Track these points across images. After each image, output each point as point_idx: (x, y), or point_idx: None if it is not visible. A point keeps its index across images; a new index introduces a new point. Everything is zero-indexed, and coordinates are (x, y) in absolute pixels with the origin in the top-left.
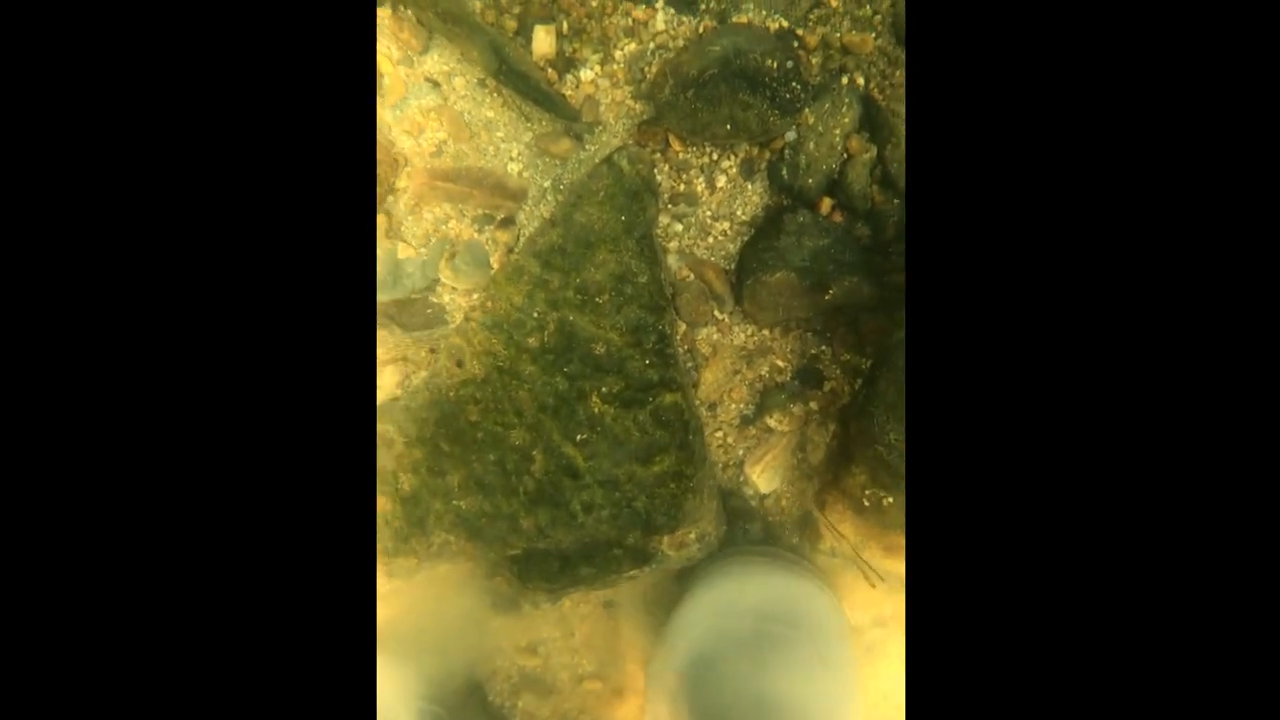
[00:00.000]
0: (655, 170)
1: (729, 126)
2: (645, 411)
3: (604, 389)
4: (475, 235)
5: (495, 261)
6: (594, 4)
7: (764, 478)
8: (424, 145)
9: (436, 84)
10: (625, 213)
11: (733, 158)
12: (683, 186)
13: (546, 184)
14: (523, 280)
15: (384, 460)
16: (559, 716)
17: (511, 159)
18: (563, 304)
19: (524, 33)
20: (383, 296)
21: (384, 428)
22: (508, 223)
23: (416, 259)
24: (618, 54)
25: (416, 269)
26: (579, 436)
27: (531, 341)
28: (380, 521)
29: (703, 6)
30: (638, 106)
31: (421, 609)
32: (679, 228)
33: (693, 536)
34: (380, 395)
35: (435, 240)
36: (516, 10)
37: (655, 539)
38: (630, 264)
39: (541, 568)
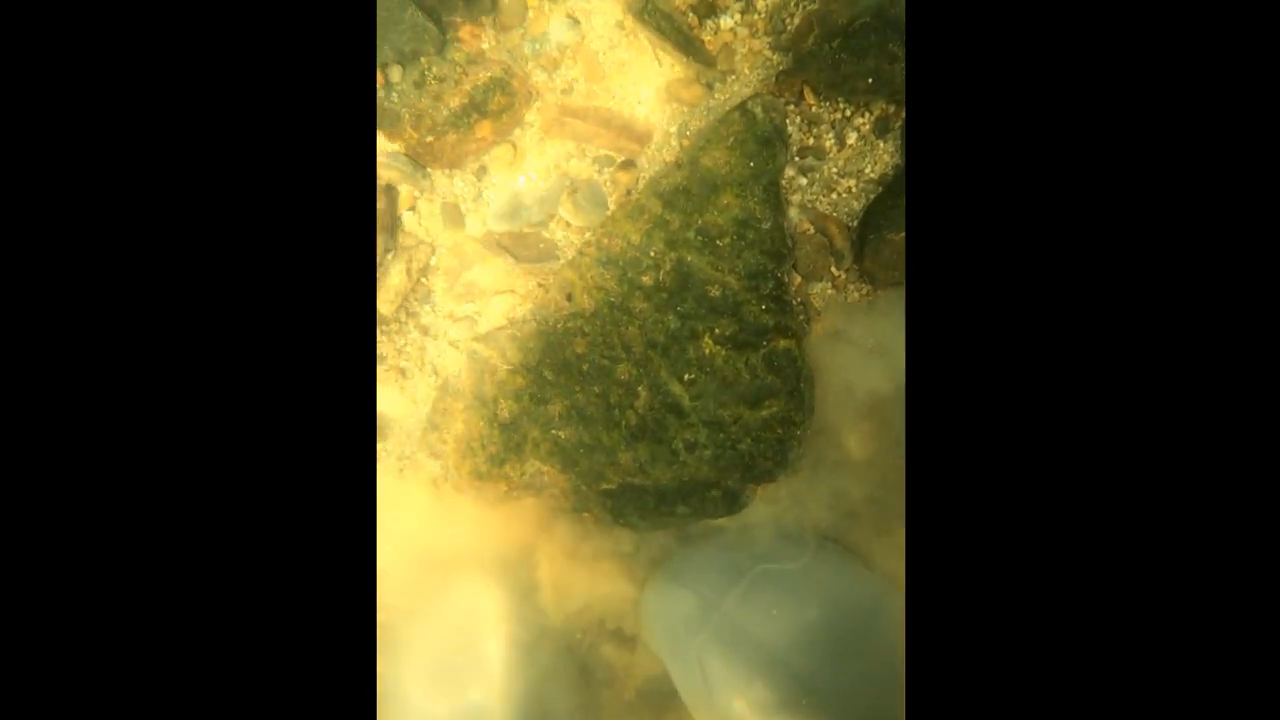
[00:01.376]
0: (786, 121)
1: (871, 80)
2: (758, 355)
3: (717, 330)
4: (595, 175)
5: (613, 202)
6: None
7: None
8: (557, 81)
9: (576, 21)
10: (754, 159)
11: (867, 115)
12: (812, 140)
13: (673, 129)
14: (642, 219)
15: (485, 386)
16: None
17: (640, 102)
18: (681, 244)
19: None
20: (499, 226)
21: (487, 353)
22: (629, 165)
23: (536, 192)
24: (760, 3)
25: (535, 202)
26: (687, 376)
27: (646, 280)
28: (476, 445)
29: None
30: (775, 57)
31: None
32: (803, 181)
33: (784, 493)
34: (486, 324)
35: (557, 175)
36: None
37: (751, 487)
38: (754, 209)
39: (636, 503)
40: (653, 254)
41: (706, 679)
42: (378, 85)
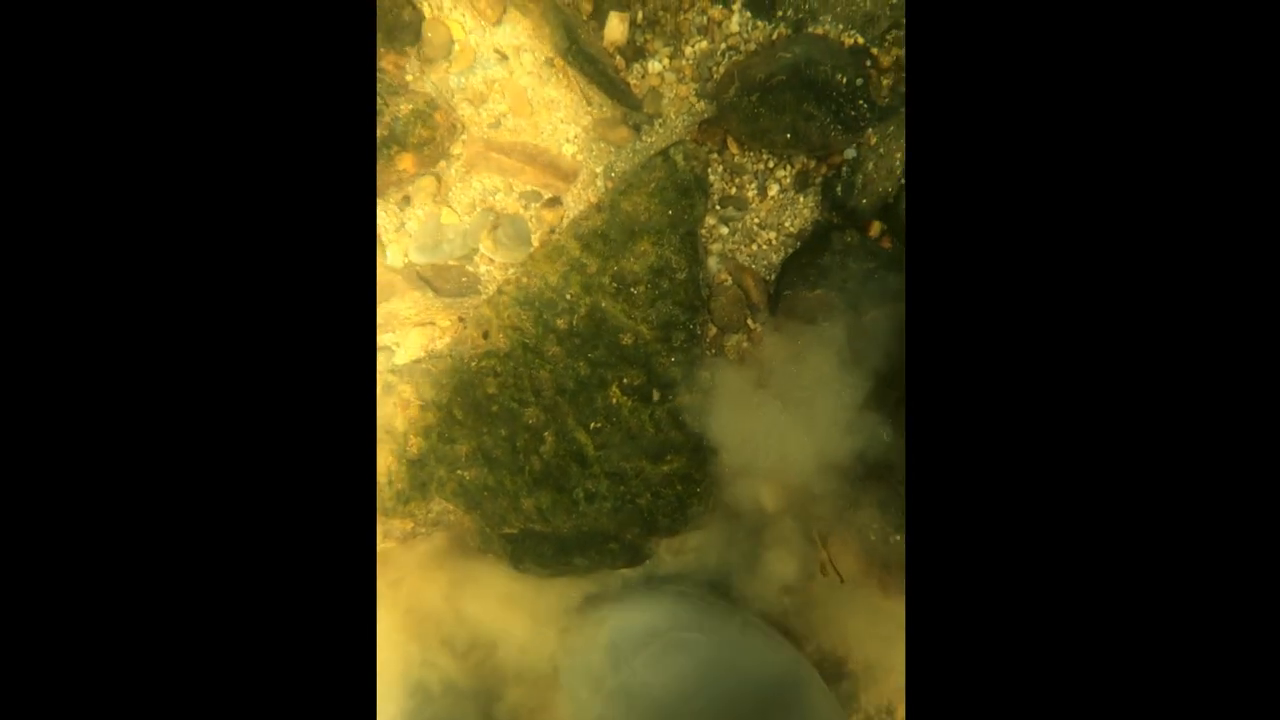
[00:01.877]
0: (709, 170)
1: (789, 135)
2: (663, 409)
3: (625, 380)
4: (520, 210)
5: (536, 239)
6: None
7: (770, 494)
8: (483, 115)
9: (504, 57)
10: (673, 207)
11: (788, 168)
12: (734, 190)
13: (599, 169)
14: (560, 260)
15: (397, 420)
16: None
17: (567, 140)
18: (597, 289)
19: (598, 17)
20: (421, 259)
21: (403, 388)
22: (554, 202)
23: (459, 226)
24: (688, 50)
25: (458, 236)
26: (593, 424)
27: (560, 323)
28: (383, 480)
29: (779, 13)
30: (700, 105)
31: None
32: (724, 230)
33: (691, 544)
34: (405, 356)
35: (480, 210)
36: None
37: (653, 540)
38: (670, 258)
39: (535, 551)
40: (569, 297)
41: None
42: None
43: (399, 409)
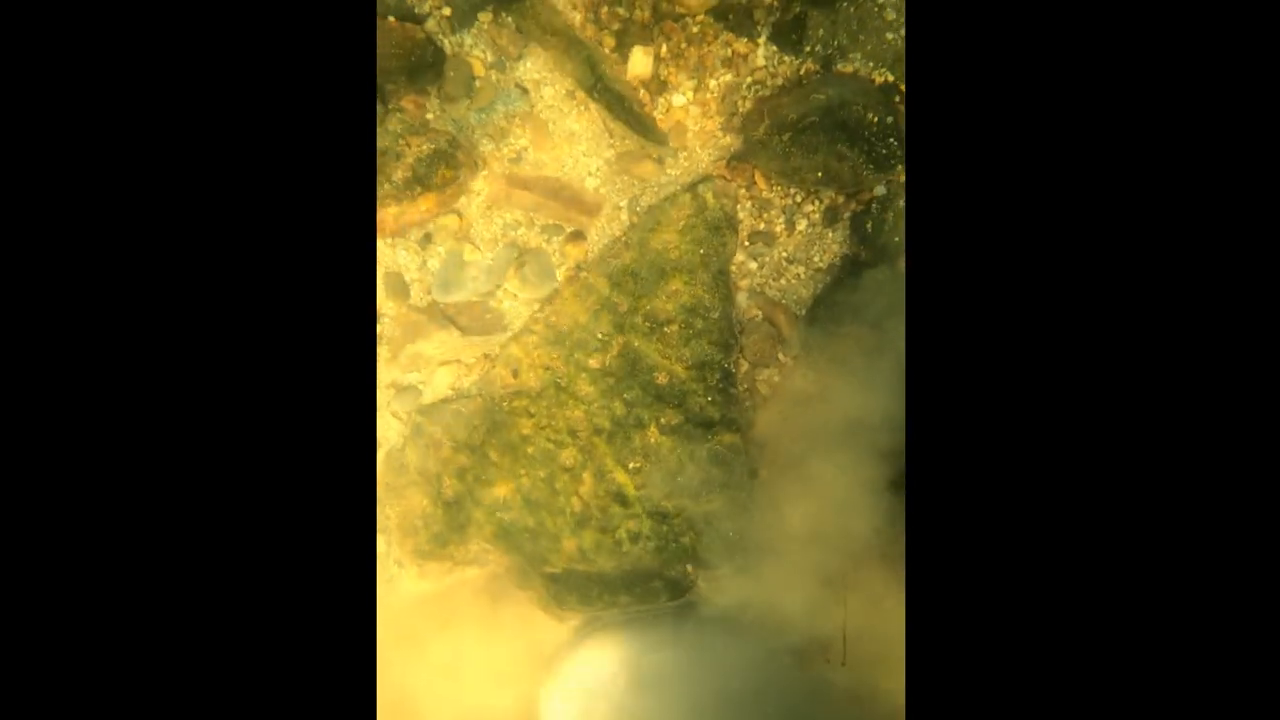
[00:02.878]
0: (737, 206)
1: (820, 174)
2: (703, 448)
3: (663, 420)
4: (544, 245)
5: (561, 274)
6: (694, 30)
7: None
8: (504, 150)
9: (525, 91)
10: (704, 245)
11: (817, 203)
12: (763, 225)
13: (623, 203)
14: (590, 299)
15: (429, 462)
16: None
17: (590, 174)
18: (629, 329)
19: (621, 51)
20: (445, 297)
21: (432, 429)
22: (577, 236)
23: (482, 263)
24: (712, 84)
25: (481, 273)
26: (632, 464)
27: (592, 362)
28: (420, 523)
29: (807, 49)
30: (725, 139)
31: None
32: (753, 266)
33: (728, 573)
34: (432, 395)
35: (503, 245)
36: (616, 28)
37: (693, 573)
38: (704, 297)
39: (580, 590)
40: (600, 335)
41: None
42: None
43: (430, 451)
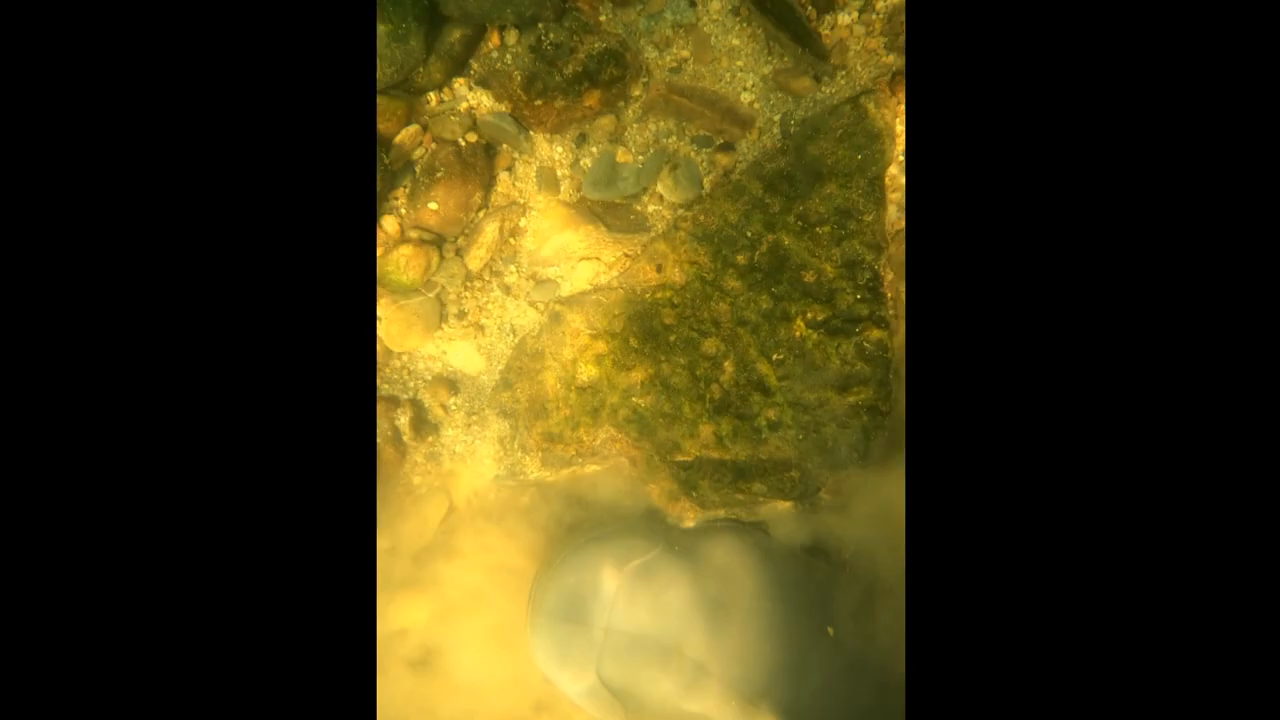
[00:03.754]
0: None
1: None
2: (850, 343)
3: (809, 315)
4: (693, 154)
5: (709, 183)
6: None
7: None
8: (667, 59)
9: (694, 3)
10: (862, 152)
11: None
12: None
13: (776, 118)
14: (742, 199)
15: (565, 348)
16: None
17: (746, 89)
18: (780, 227)
19: None
20: (595, 194)
21: (572, 317)
22: (727, 147)
23: (633, 165)
24: (879, 4)
25: (631, 174)
26: (775, 356)
27: (740, 259)
28: (551, 406)
29: None
30: (889, 58)
31: None
32: (904, 181)
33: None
34: (571, 288)
35: (654, 151)
36: None
37: (826, 475)
38: (858, 201)
39: (713, 476)
40: (749, 234)
41: None
42: (491, 45)
43: (568, 337)
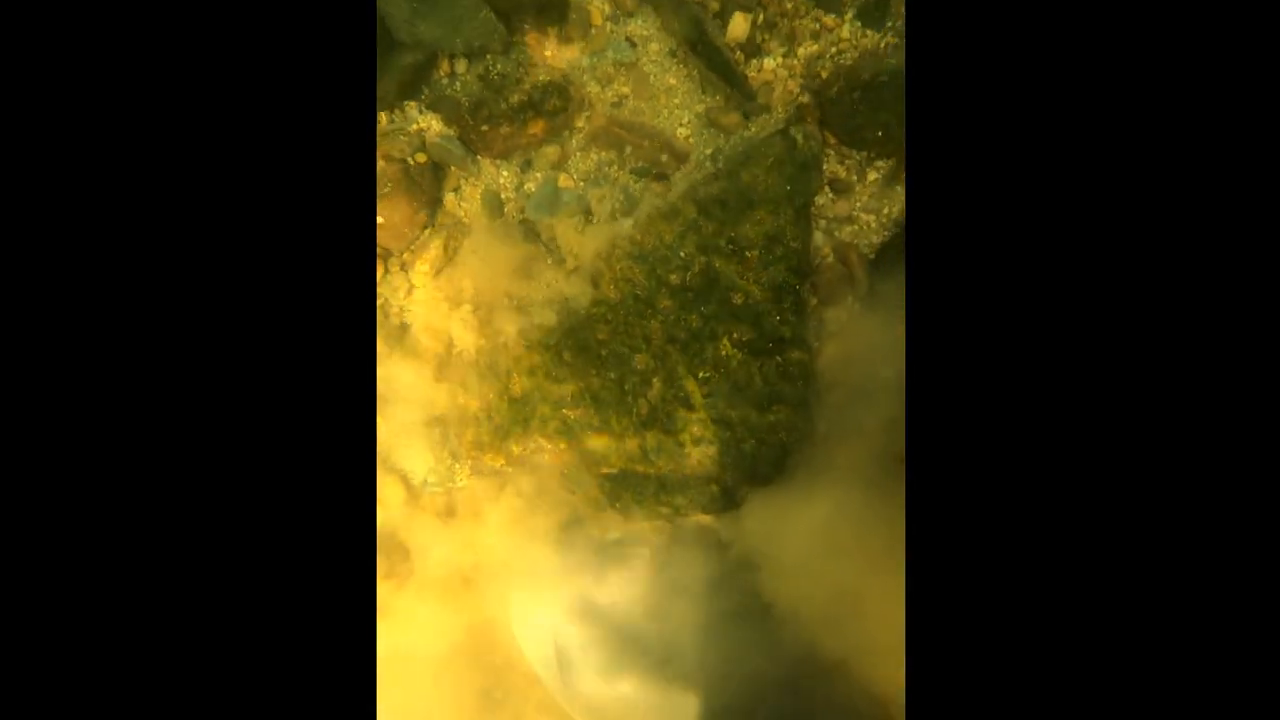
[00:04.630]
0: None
1: (880, 133)
2: (772, 363)
3: (735, 335)
4: (632, 183)
5: (644, 207)
6: (789, 5)
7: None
8: (608, 94)
9: (634, 44)
10: (791, 181)
11: (884, 162)
12: (843, 174)
13: (708, 152)
14: (677, 221)
15: (501, 359)
16: None
17: (681, 125)
18: (712, 250)
19: (722, 16)
20: (537, 216)
21: (507, 328)
22: (662, 177)
23: (574, 190)
24: (800, 51)
25: (573, 199)
26: (701, 374)
27: (673, 278)
28: (482, 416)
29: (889, 25)
30: (804, 98)
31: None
32: (830, 210)
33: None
34: (509, 304)
35: (595, 178)
36: None
37: (745, 489)
38: (786, 228)
39: (636, 489)
40: (683, 255)
41: None
42: (442, 72)
43: (502, 348)
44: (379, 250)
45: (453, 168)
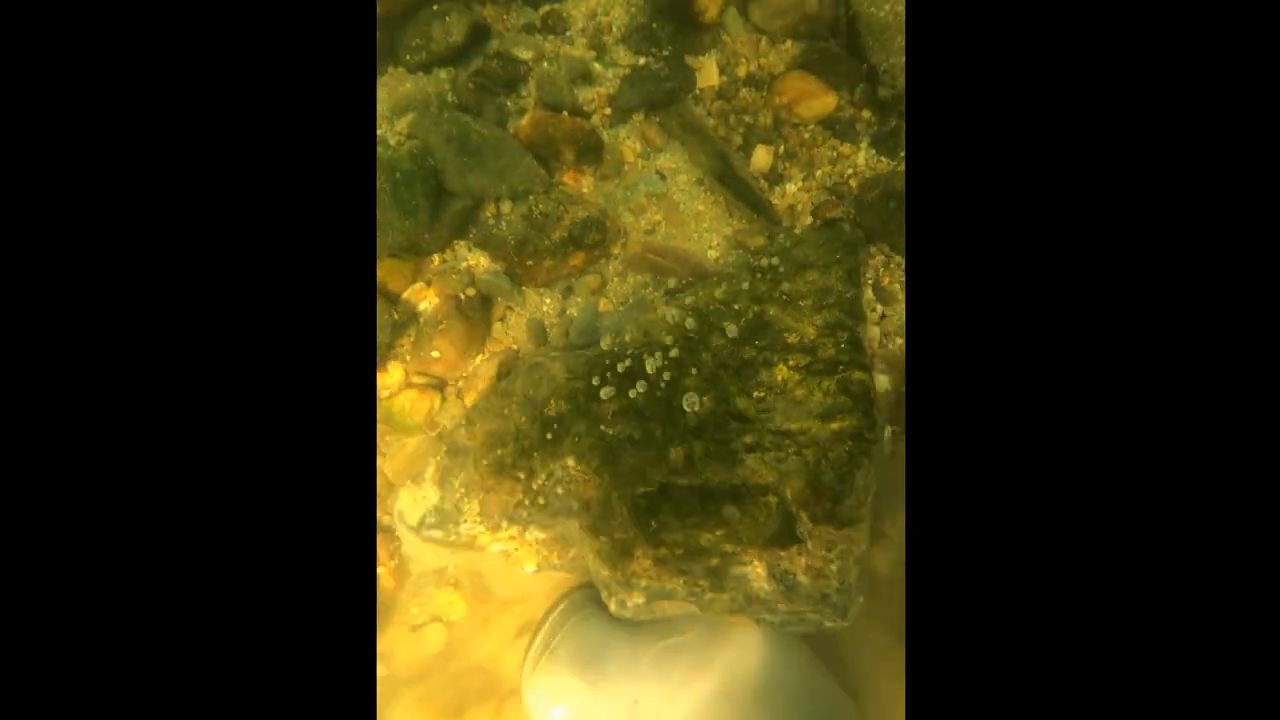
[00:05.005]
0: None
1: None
2: (833, 380)
3: (791, 361)
4: (664, 305)
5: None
6: (807, 136)
7: None
8: (641, 223)
9: (664, 177)
10: (839, 252)
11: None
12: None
13: (737, 271)
14: (730, 284)
15: (539, 392)
16: None
17: (711, 246)
18: (766, 300)
19: (745, 149)
20: (579, 341)
21: (552, 367)
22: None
23: (613, 314)
24: (818, 174)
25: (613, 322)
26: (756, 394)
27: (727, 325)
28: (509, 437)
29: (902, 153)
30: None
31: None
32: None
33: (834, 569)
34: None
35: (632, 301)
36: (742, 130)
37: (803, 526)
38: (836, 285)
39: (676, 504)
40: (736, 307)
41: None
42: (489, 214)
43: (545, 382)
44: (435, 382)
45: (499, 299)
